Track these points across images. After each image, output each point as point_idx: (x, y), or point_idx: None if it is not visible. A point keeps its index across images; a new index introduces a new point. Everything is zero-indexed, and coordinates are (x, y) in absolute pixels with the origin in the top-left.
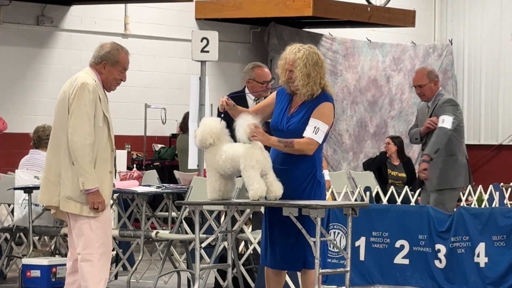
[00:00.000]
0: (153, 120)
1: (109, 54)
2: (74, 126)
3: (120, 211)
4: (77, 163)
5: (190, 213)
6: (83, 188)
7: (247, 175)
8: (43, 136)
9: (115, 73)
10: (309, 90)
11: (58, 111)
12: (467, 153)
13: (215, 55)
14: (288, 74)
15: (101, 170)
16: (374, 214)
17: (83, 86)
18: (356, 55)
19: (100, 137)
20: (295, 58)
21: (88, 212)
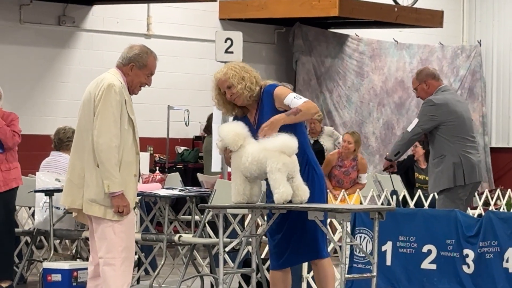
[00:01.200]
0: (176, 122)
1: (138, 57)
2: (100, 127)
3: (142, 214)
4: (103, 165)
5: (213, 217)
6: (108, 191)
7: (273, 177)
8: (64, 138)
9: (142, 77)
10: (249, 91)
11: (83, 112)
12: (470, 150)
13: (239, 56)
14: (227, 93)
15: (126, 173)
16: (401, 218)
17: (109, 87)
18: (382, 56)
19: (126, 139)
20: (223, 74)
21: (112, 216)
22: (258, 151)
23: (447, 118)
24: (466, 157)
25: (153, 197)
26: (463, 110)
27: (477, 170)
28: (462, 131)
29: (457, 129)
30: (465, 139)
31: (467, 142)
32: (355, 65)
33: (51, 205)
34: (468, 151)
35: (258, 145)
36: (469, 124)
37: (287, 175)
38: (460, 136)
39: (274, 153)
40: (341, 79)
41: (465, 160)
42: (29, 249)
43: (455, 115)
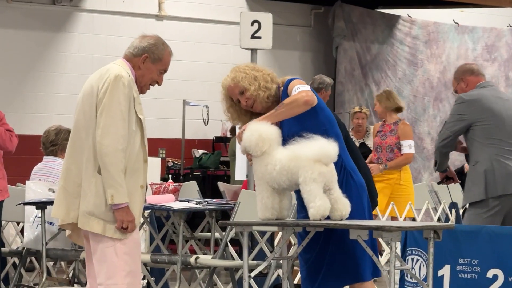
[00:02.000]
0: (193, 120)
1: (153, 47)
2: (105, 126)
3: (152, 231)
4: (107, 171)
5: (237, 235)
6: (111, 202)
7: (307, 189)
8: (58, 140)
9: (154, 72)
10: (266, 90)
11: (82, 108)
12: (509, 156)
13: (268, 42)
14: (241, 100)
15: (131, 183)
16: (462, 237)
17: (117, 79)
18: (440, 41)
19: (132, 143)
20: (230, 80)
21: (113, 233)
22: (288, 158)
23: (480, 116)
24: (502, 163)
25: (165, 210)
26: (505, 108)
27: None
28: (500, 132)
29: (493, 130)
30: (503, 142)
31: (506, 145)
32: (407, 52)
33: (44, 220)
34: (505, 156)
35: (288, 152)
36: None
37: (324, 186)
38: (497, 139)
39: (308, 161)
40: (390, 69)
41: (498, 166)
42: (17, 273)
43: (490, 113)
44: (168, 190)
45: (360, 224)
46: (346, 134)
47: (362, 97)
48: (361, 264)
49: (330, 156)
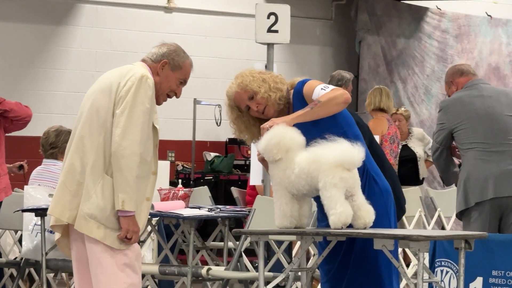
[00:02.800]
0: (205, 121)
1: (174, 54)
2: (126, 127)
3: (160, 240)
4: (121, 174)
5: (252, 244)
6: (122, 208)
7: (327, 195)
8: (58, 143)
9: (173, 81)
10: (277, 91)
11: (96, 103)
12: (486, 158)
13: (285, 36)
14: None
15: (138, 193)
16: (495, 248)
17: (143, 79)
18: (472, 35)
19: (146, 152)
20: (237, 85)
21: (112, 241)
22: (307, 161)
23: (456, 122)
24: (478, 167)
25: (174, 218)
26: (484, 107)
27: (497, 183)
28: (476, 134)
29: (469, 133)
30: (480, 144)
31: (484, 147)
32: (436, 47)
33: (43, 228)
34: (483, 159)
35: (308, 154)
36: (491, 124)
37: (345, 193)
38: (473, 142)
39: (329, 165)
40: (417, 65)
41: (474, 172)
42: (15, 285)
43: (465, 116)
44: (177, 196)
45: (386, 233)
46: (370, 136)
47: None
48: (386, 276)
49: (354, 161)
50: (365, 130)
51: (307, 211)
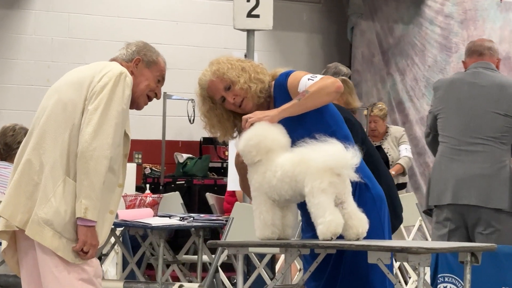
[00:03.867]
0: (176, 118)
1: (145, 49)
2: (98, 126)
3: (126, 253)
4: (87, 178)
5: (229, 258)
6: (83, 216)
7: (315, 202)
8: (14, 143)
9: (151, 79)
10: (258, 82)
11: (63, 97)
12: (454, 157)
13: (268, 22)
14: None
15: (103, 207)
16: (505, 261)
17: (122, 75)
18: (479, 20)
19: (113, 159)
20: (212, 73)
21: (67, 254)
22: (292, 163)
23: (438, 107)
24: (443, 166)
25: (141, 228)
26: (468, 97)
27: (456, 188)
28: (450, 127)
29: (445, 124)
30: (451, 139)
31: (453, 143)
32: (439, 34)
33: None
34: (450, 158)
35: (293, 155)
36: (468, 119)
37: (335, 199)
38: (445, 135)
39: (317, 168)
40: (417, 55)
41: (438, 171)
42: None
43: (445, 104)
44: (145, 203)
45: (381, 245)
46: (362, 136)
47: (383, 89)
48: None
49: (346, 165)
50: (357, 128)
51: (292, 220)
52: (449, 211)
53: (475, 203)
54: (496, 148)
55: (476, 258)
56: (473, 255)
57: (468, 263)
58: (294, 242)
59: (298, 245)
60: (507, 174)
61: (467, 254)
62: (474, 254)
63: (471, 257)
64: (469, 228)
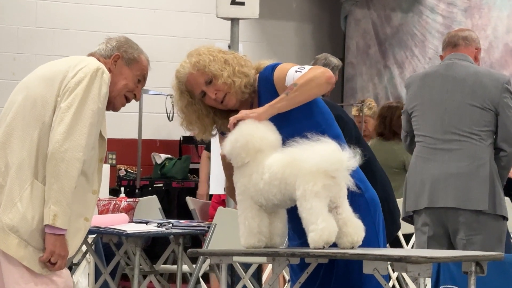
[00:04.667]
0: (153, 115)
1: (125, 46)
2: (71, 125)
3: (98, 263)
4: (57, 182)
5: (212, 268)
6: (51, 223)
7: (307, 206)
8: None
9: (130, 78)
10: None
11: (32, 93)
12: (429, 156)
13: (254, 10)
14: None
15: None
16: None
17: (99, 71)
18: (484, 8)
19: (87, 163)
20: (192, 66)
21: (33, 264)
22: (281, 164)
23: (410, 105)
24: (417, 167)
25: (115, 235)
26: (441, 91)
27: (432, 190)
28: (424, 125)
29: (419, 122)
30: (426, 138)
31: (429, 142)
32: (441, 23)
33: None
34: (425, 157)
35: (282, 156)
36: (443, 115)
37: (329, 203)
38: (421, 135)
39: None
40: (417, 46)
41: (413, 173)
42: None
43: (419, 100)
44: (119, 207)
45: (378, 253)
46: (357, 135)
47: (379, 84)
48: None
49: (341, 167)
50: (351, 127)
51: (280, 228)
52: (427, 216)
53: (453, 205)
54: (474, 144)
55: (481, 268)
56: (478, 265)
57: (473, 274)
58: (283, 251)
59: (287, 254)
60: (487, 173)
61: (472, 263)
62: (479, 263)
63: (476, 267)
64: (450, 234)
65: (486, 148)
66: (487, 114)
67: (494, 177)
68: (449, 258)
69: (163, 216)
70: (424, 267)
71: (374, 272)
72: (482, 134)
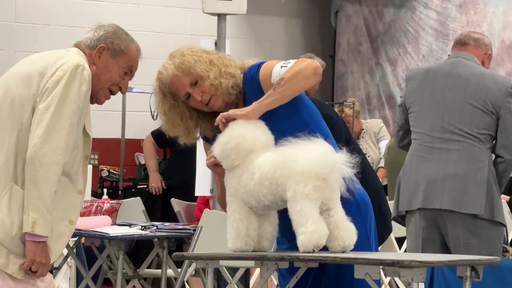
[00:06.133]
0: (137, 113)
1: (112, 36)
2: (49, 127)
3: (80, 267)
4: (36, 187)
5: (198, 272)
6: (30, 231)
7: (297, 208)
8: None
9: (114, 71)
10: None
11: (8, 93)
12: (426, 155)
13: (242, 5)
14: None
15: (57, 215)
16: (509, 276)
17: (78, 69)
18: (480, 4)
19: (69, 163)
20: (176, 67)
21: (16, 271)
22: (271, 164)
23: (409, 100)
24: (412, 166)
25: (98, 238)
26: (443, 88)
27: (427, 191)
28: (423, 123)
29: (417, 118)
30: (423, 136)
31: (425, 140)
32: (435, 19)
33: None
34: (421, 156)
35: (273, 155)
36: (443, 114)
37: (321, 205)
38: (418, 132)
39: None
40: (410, 43)
41: (408, 172)
42: None
43: (419, 96)
44: (102, 210)
45: (370, 257)
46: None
47: (371, 81)
48: None
49: (331, 165)
50: (340, 127)
51: (270, 232)
52: (421, 217)
53: (448, 207)
54: (474, 146)
55: (476, 273)
56: (473, 269)
57: (468, 279)
58: (271, 255)
59: (276, 258)
60: (485, 176)
61: (467, 268)
62: (475, 268)
63: (471, 272)
64: (445, 236)
65: (486, 152)
66: (488, 117)
67: (492, 181)
68: (443, 262)
69: (147, 219)
70: (418, 272)
71: (366, 276)
72: (481, 137)
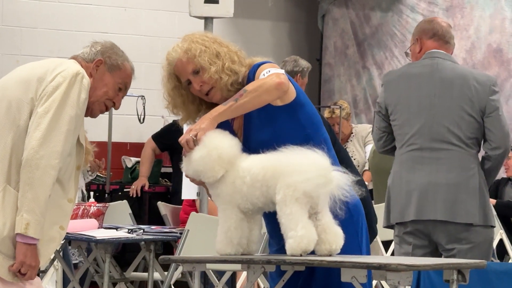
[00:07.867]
0: (124, 116)
1: (110, 51)
2: (47, 131)
3: (66, 270)
4: (31, 189)
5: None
6: (23, 232)
7: (286, 211)
8: None
9: (110, 85)
10: (231, 74)
11: (9, 96)
12: (415, 165)
13: (228, 8)
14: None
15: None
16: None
17: (78, 76)
18: (467, 8)
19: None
20: (183, 52)
21: (4, 272)
22: (260, 166)
23: (389, 105)
24: (402, 176)
25: (84, 242)
26: (429, 94)
27: (420, 201)
28: (410, 130)
29: (404, 126)
30: (412, 145)
31: (415, 149)
32: None
33: None
34: (411, 166)
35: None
36: (432, 121)
37: (310, 209)
38: (405, 141)
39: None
40: (397, 46)
41: (398, 182)
42: None
43: (402, 102)
44: (88, 213)
45: (356, 261)
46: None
47: (358, 85)
48: None
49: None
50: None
51: (257, 235)
52: (412, 228)
53: (442, 218)
54: (463, 153)
55: (463, 276)
56: (459, 273)
57: (454, 282)
58: (258, 258)
59: (262, 261)
60: (476, 184)
61: (453, 271)
62: (461, 271)
63: (458, 275)
64: (438, 244)
65: (474, 157)
66: (474, 121)
67: (483, 187)
68: (429, 266)
69: (134, 222)
70: (404, 275)
71: (353, 280)
72: (469, 142)
